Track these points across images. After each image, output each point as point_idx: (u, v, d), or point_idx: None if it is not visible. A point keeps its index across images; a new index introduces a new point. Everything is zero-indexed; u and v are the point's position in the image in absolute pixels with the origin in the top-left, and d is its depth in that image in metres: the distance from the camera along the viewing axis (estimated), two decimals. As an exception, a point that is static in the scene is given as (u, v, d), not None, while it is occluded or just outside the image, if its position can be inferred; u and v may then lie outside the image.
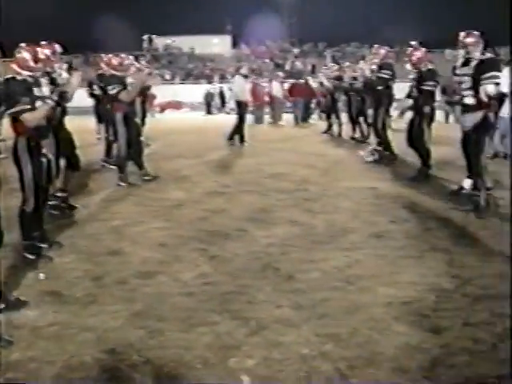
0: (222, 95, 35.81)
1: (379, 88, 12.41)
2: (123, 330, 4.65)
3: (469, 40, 8.09)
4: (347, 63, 19.78)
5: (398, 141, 12.30)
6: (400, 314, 4.78)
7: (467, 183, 9.07)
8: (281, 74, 30.36)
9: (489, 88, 7.70)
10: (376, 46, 13.53)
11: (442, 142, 12.23)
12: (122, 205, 9.03)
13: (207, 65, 49.08)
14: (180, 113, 37.02)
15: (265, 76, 33.81)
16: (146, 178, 10.86)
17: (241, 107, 17.27)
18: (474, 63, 7.96)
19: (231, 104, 27.08)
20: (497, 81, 7.83)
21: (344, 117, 18.09)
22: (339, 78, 17.96)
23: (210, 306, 5.05)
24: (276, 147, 16.18)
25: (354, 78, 16.03)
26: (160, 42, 53.54)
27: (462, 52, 8.20)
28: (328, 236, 7.03)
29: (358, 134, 16.83)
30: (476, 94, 7.85)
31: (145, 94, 15.15)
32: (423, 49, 10.69)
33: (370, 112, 13.53)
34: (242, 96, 17.39)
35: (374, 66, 12.78)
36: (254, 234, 7.20)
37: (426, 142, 10.45)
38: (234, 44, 56.27)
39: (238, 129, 17.00)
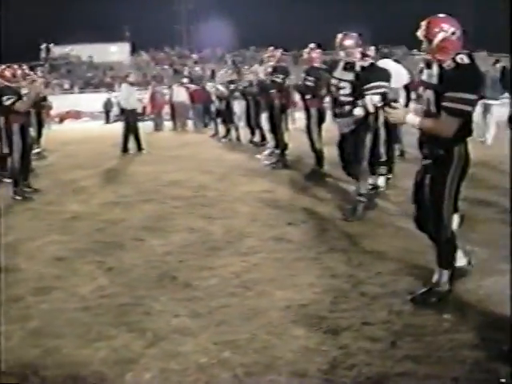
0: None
1: (273, 91, 12.43)
2: (18, 349, 4.46)
3: (347, 42, 7.80)
4: (246, 67, 19.93)
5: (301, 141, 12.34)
6: (298, 317, 4.76)
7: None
8: (185, 80, 30.17)
9: (375, 99, 7.45)
10: (271, 48, 13.57)
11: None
12: (16, 219, 8.74)
13: (107, 73, 48.48)
14: (79, 122, 36.51)
15: (165, 83, 33.85)
16: (27, 189, 10.52)
17: (127, 115, 17.18)
18: (356, 69, 7.77)
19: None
20: (382, 91, 7.59)
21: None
22: (235, 82, 18.01)
23: (106, 319, 4.92)
24: (174, 154, 16.06)
25: (251, 82, 16.09)
26: (58, 50, 52.54)
27: (342, 54, 7.88)
28: (225, 241, 6.98)
29: (256, 138, 16.89)
30: (355, 101, 7.66)
31: (39, 104, 14.79)
32: (319, 50, 10.79)
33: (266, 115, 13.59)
34: (128, 104, 17.26)
35: (269, 69, 12.78)
36: (151, 243, 7.09)
37: (316, 141, 10.56)
38: (133, 51, 55.78)
39: (127, 138, 16.90)
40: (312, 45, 11.32)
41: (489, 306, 4.84)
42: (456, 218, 6.91)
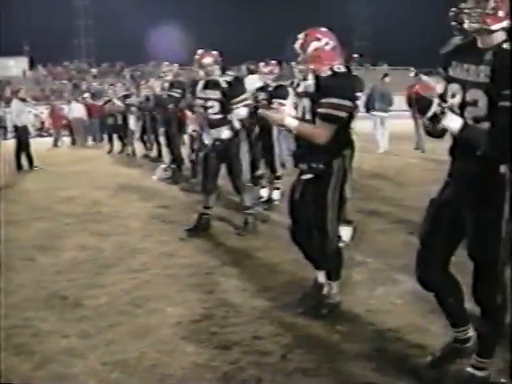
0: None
1: (170, 106, 12.39)
2: None
3: (206, 60, 7.67)
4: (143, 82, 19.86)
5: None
6: (188, 333, 4.73)
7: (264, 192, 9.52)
8: (87, 94, 29.74)
9: (241, 112, 7.55)
10: (166, 63, 13.54)
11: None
12: None
13: (5, 88, 47.17)
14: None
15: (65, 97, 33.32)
16: None
17: (19, 132, 16.73)
18: (222, 86, 7.62)
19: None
20: (247, 103, 7.71)
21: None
22: (130, 96, 17.92)
23: (-7, 342, 4.75)
24: (69, 170, 15.78)
25: (147, 97, 16.01)
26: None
27: (201, 73, 7.78)
28: (117, 258, 6.89)
29: (153, 153, 16.82)
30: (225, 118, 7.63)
31: None
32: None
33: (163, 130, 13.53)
34: (19, 120, 16.80)
35: (166, 84, 12.72)
36: (41, 263, 6.92)
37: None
38: (32, 65, 54.60)
39: (19, 155, 16.48)
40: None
41: (379, 316, 4.94)
42: (349, 231, 7.06)
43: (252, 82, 9.63)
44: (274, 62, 9.89)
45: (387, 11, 57.53)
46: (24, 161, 16.54)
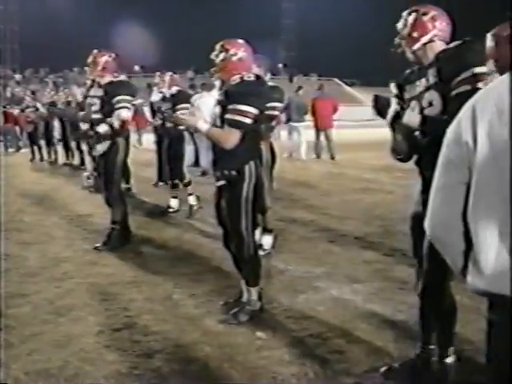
0: None
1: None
2: None
3: (100, 59, 7.59)
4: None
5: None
6: (111, 341, 4.76)
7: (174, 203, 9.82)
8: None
9: (123, 113, 7.39)
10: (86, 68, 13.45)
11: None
12: None
13: None
14: None
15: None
16: None
17: None
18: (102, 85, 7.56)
19: None
20: (128, 105, 7.51)
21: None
22: (55, 104, 17.74)
23: None
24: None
25: (68, 103, 15.89)
26: None
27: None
28: (40, 267, 6.84)
29: (76, 161, 16.73)
30: (104, 119, 7.44)
31: None
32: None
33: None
34: None
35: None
36: (-37, 271, 6.80)
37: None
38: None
39: None
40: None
41: (301, 323, 5.06)
42: (269, 239, 7.20)
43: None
44: (169, 73, 10.30)
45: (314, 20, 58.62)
46: None
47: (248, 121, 4.81)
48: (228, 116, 4.81)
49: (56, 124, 17.84)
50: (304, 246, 7.52)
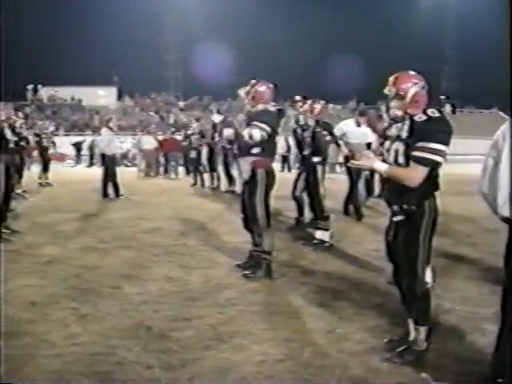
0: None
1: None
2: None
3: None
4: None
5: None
6: (273, 372, 4.68)
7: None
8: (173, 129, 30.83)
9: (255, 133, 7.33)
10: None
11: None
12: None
13: (93, 117, 48.66)
14: (63, 165, 36.99)
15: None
16: (5, 231, 10.20)
17: (107, 161, 17.15)
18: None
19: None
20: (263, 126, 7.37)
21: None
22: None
23: (77, 367, 4.77)
24: (153, 201, 16.11)
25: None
26: (45, 92, 52.91)
27: None
28: (203, 292, 6.89)
29: (236, 188, 16.99)
30: None
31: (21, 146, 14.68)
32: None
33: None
34: (108, 149, 17.14)
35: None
36: (127, 292, 6.96)
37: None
38: (120, 96, 56.17)
39: (107, 183, 16.93)
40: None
41: (467, 366, 4.80)
42: (429, 271, 6.93)
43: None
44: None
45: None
46: (110, 189, 16.94)
47: (438, 159, 4.66)
48: (417, 154, 4.65)
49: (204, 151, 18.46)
50: (467, 284, 7.17)
